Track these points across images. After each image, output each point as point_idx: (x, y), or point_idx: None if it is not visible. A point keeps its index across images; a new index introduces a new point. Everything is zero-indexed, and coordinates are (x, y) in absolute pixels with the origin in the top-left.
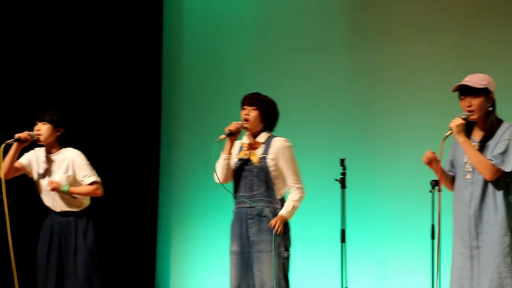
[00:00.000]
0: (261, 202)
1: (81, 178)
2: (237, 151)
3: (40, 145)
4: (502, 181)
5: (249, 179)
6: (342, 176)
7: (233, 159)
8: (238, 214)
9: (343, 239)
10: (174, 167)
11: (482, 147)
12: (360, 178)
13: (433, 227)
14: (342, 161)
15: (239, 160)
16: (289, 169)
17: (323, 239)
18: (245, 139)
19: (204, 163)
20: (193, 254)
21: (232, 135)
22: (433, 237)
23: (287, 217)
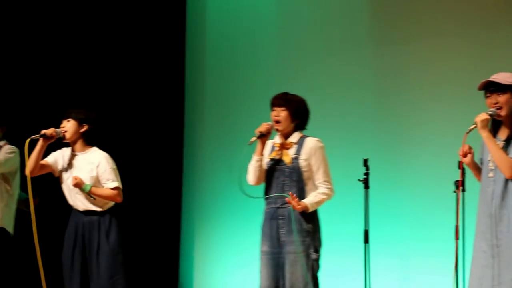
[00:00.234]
0: None
1: (104, 181)
2: (269, 151)
3: (67, 145)
4: None
5: (281, 179)
6: (365, 176)
7: (265, 160)
8: (269, 214)
9: (366, 240)
10: (197, 167)
11: (507, 145)
12: (383, 178)
13: (457, 228)
14: (365, 161)
15: (271, 160)
16: (320, 169)
17: (346, 240)
18: (277, 139)
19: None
20: (216, 253)
21: (262, 136)
22: (457, 238)
23: (309, 208)
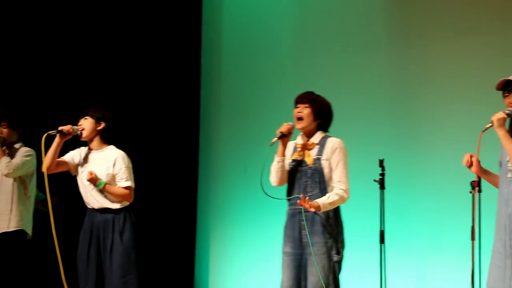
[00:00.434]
0: None
1: (118, 179)
2: (291, 152)
3: (84, 143)
4: None
5: (303, 180)
6: (381, 177)
7: (287, 160)
8: (291, 215)
9: (382, 240)
10: (212, 166)
11: None
12: (399, 178)
13: (473, 228)
14: (381, 162)
15: (293, 161)
16: (337, 169)
17: (362, 240)
18: (299, 140)
19: (242, 163)
20: (232, 252)
21: (284, 137)
22: (473, 238)
23: (321, 207)
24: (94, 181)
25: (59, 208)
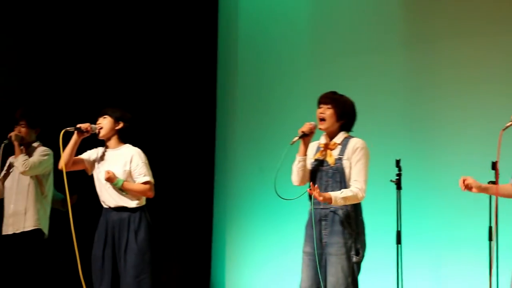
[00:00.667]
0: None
1: (136, 175)
2: (314, 152)
3: (101, 143)
4: None
5: (324, 180)
6: (397, 177)
7: (309, 160)
8: (312, 215)
9: (398, 241)
10: (228, 166)
11: None
12: (416, 179)
13: (490, 229)
14: (397, 162)
15: (315, 160)
16: (355, 167)
17: (378, 241)
18: (322, 139)
19: (258, 163)
20: (248, 252)
21: (305, 136)
22: (490, 239)
23: (332, 200)
24: (111, 180)
25: (76, 207)
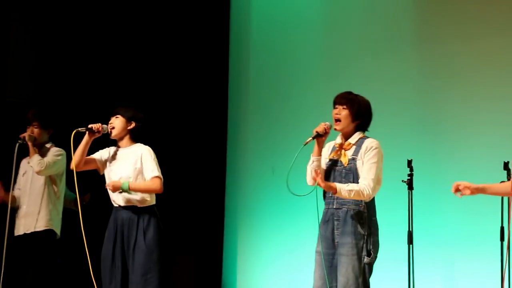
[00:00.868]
0: (347, 203)
1: (145, 171)
2: (329, 151)
3: (113, 142)
4: None
5: (338, 180)
6: (409, 177)
7: (324, 160)
8: (326, 214)
9: (410, 241)
10: (240, 166)
11: None
12: (427, 179)
13: (502, 229)
14: (409, 162)
15: (330, 160)
16: (366, 165)
17: (389, 241)
18: (338, 139)
19: (270, 162)
20: (260, 252)
21: (319, 136)
22: (502, 239)
23: (335, 191)
24: (117, 188)
25: (87, 206)
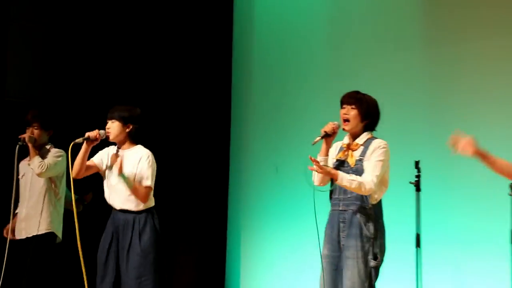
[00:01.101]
0: (353, 205)
1: (139, 178)
2: (336, 151)
3: (113, 143)
4: None
5: None
6: (417, 179)
7: (331, 160)
8: (331, 217)
9: (418, 244)
10: (243, 167)
11: None
12: (435, 180)
13: None
14: (416, 163)
15: (337, 161)
16: (371, 162)
17: (397, 243)
18: (346, 139)
19: (273, 163)
20: (263, 253)
21: (327, 136)
22: None
23: (335, 177)
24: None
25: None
